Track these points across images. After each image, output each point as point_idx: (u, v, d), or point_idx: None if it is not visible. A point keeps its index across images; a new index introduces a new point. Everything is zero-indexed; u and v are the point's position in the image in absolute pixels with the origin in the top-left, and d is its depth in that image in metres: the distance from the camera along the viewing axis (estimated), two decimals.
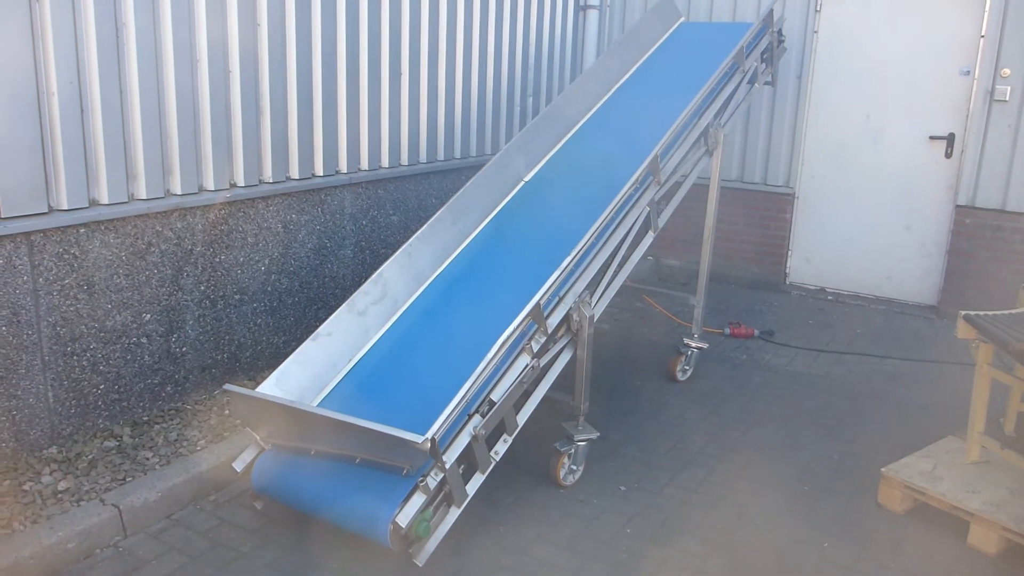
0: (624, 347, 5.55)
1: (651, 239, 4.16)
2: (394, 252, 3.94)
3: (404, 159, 5.26)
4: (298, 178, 4.51)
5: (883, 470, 3.61)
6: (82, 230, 3.55)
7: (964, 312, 3.54)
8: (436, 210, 4.18)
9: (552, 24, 6.51)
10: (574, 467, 3.74)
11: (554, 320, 3.45)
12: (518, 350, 3.29)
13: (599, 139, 4.74)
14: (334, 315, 3.63)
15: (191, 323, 4.09)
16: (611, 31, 7.22)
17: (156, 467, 3.51)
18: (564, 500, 3.61)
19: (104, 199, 3.63)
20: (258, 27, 4.17)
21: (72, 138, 3.46)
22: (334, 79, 4.64)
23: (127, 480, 3.39)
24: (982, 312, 3.54)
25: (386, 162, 5.12)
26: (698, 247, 4.92)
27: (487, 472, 3.16)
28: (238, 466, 3.33)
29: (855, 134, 6.40)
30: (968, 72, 5.88)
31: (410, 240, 3.95)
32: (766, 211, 6.80)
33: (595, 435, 3.77)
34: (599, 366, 5.03)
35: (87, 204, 3.56)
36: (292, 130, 4.45)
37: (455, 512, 3.02)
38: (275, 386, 3.38)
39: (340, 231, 4.85)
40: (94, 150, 3.57)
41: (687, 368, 5.00)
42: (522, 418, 3.35)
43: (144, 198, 3.78)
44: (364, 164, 4.95)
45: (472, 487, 3.09)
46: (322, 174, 4.66)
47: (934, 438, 3.96)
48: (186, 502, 3.44)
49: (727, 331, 5.75)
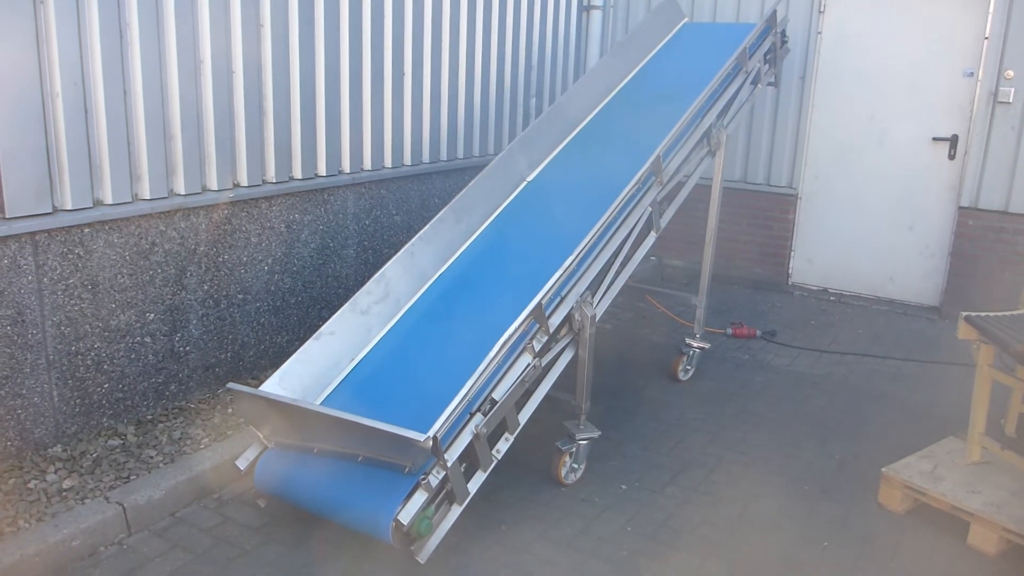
0: (626, 347, 5.56)
1: (653, 239, 4.17)
2: (397, 252, 3.96)
3: (407, 159, 5.27)
4: (301, 178, 4.53)
5: (884, 470, 3.62)
6: (86, 230, 3.57)
7: (965, 313, 3.55)
8: (439, 210, 4.20)
9: (555, 24, 6.53)
10: (575, 466, 3.75)
11: (556, 320, 3.46)
12: (520, 349, 3.30)
13: (602, 139, 4.75)
14: (337, 314, 3.65)
15: (195, 322, 4.11)
16: (614, 31, 7.23)
17: (160, 465, 3.53)
18: (565, 499, 3.62)
19: (108, 199, 3.65)
20: (261, 28, 4.18)
21: (76, 139, 3.48)
22: (337, 79, 4.66)
23: (131, 478, 3.41)
24: (983, 313, 3.55)
25: (389, 162, 5.14)
26: (701, 247, 4.92)
27: (489, 470, 3.17)
28: (241, 464, 3.35)
29: (858, 135, 6.40)
30: (972, 74, 5.88)
31: (413, 240, 3.96)
32: (769, 212, 6.81)
33: (596, 434, 3.78)
34: (601, 366, 5.03)
35: (91, 204, 3.58)
36: (295, 130, 4.47)
37: (457, 510, 3.04)
38: (278, 385, 3.40)
39: (343, 231, 4.86)
40: (98, 151, 3.59)
41: (689, 368, 5.01)
42: (524, 417, 3.37)
43: (148, 198, 3.80)
44: (367, 164, 4.97)
45: (474, 485, 3.11)
46: (325, 174, 4.68)
47: (935, 439, 3.96)
48: (190, 500, 3.46)
49: (729, 331, 5.76)
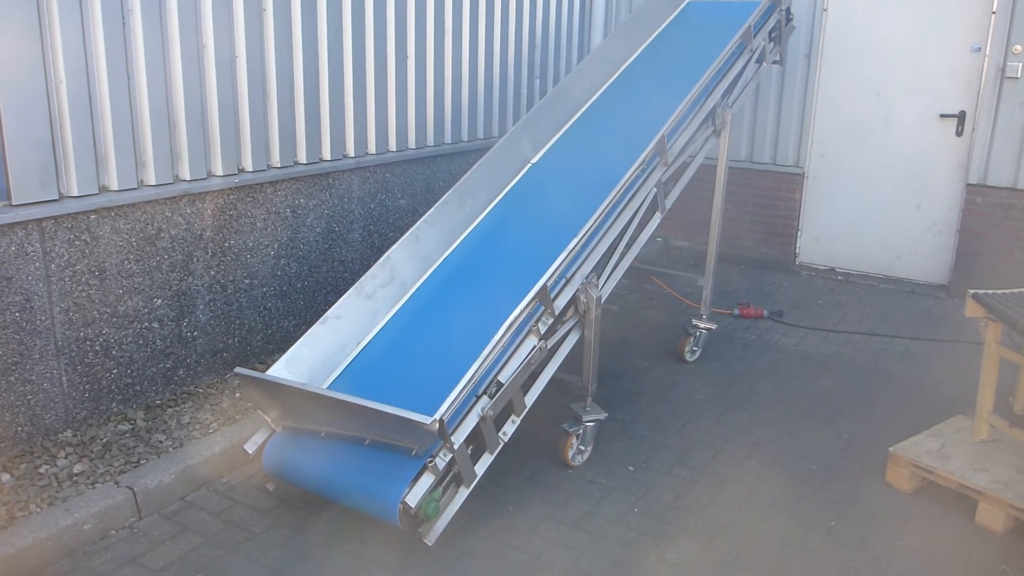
0: (632, 328, 5.56)
1: (659, 220, 4.16)
2: (402, 235, 3.96)
3: (411, 142, 5.26)
4: (306, 162, 4.53)
5: (891, 449, 3.62)
6: (92, 216, 3.58)
7: (973, 291, 3.54)
8: (443, 193, 4.19)
9: (559, 5, 6.48)
10: (582, 448, 3.76)
11: (561, 302, 3.46)
12: (525, 332, 3.30)
13: (606, 120, 4.73)
14: (343, 298, 3.65)
15: (202, 308, 4.12)
16: (618, 11, 7.17)
17: (169, 450, 3.55)
18: (572, 480, 3.63)
19: (114, 185, 3.65)
20: (263, 12, 4.17)
21: (80, 125, 3.48)
22: (340, 63, 4.64)
23: (141, 463, 3.44)
24: (991, 291, 3.53)
25: (393, 146, 5.13)
26: (707, 228, 4.90)
27: (495, 453, 3.19)
28: (250, 448, 3.36)
29: (865, 113, 6.35)
30: (979, 49, 5.82)
31: (418, 223, 3.96)
32: (775, 191, 6.78)
33: (603, 416, 3.79)
34: (607, 347, 5.04)
35: (97, 191, 3.59)
36: (299, 114, 4.46)
37: (464, 492, 3.05)
38: (285, 369, 3.41)
39: (348, 215, 4.86)
40: (103, 137, 3.59)
41: (696, 349, 5.00)
42: (530, 399, 3.37)
43: (153, 184, 3.80)
44: (371, 148, 4.96)
45: (480, 468, 3.12)
46: (330, 158, 4.67)
47: (942, 417, 3.96)
48: (199, 484, 3.49)
49: (736, 312, 5.75)
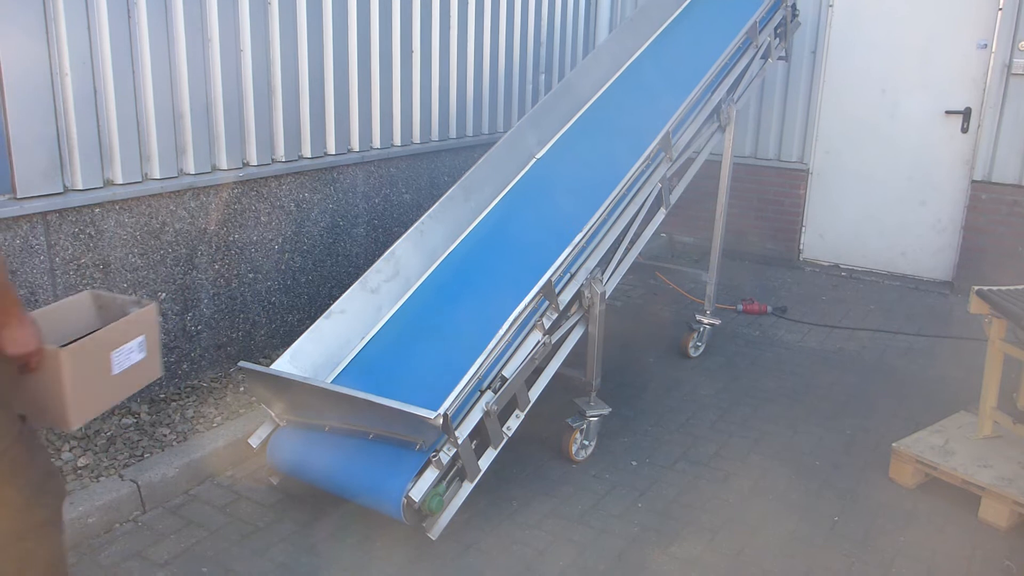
0: (636, 324, 5.56)
1: (663, 216, 4.16)
2: (406, 230, 3.96)
3: (416, 137, 5.26)
4: (310, 157, 4.53)
5: (894, 445, 3.62)
6: (97, 210, 3.58)
7: (977, 287, 3.53)
8: (448, 188, 4.19)
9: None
10: (586, 442, 3.77)
11: (566, 297, 3.46)
12: (530, 327, 3.30)
13: (611, 115, 4.72)
14: (347, 293, 3.66)
15: (206, 302, 4.13)
16: (623, 6, 7.16)
17: (173, 443, 3.56)
18: (576, 475, 3.64)
19: (118, 179, 3.65)
20: (268, 5, 4.16)
21: (86, 118, 3.48)
22: (345, 57, 4.64)
23: (145, 456, 3.44)
24: (995, 287, 3.53)
25: (398, 140, 5.12)
26: (711, 224, 4.90)
27: (499, 448, 3.19)
28: (254, 442, 3.37)
29: (870, 109, 6.34)
30: (985, 45, 5.80)
31: (422, 218, 3.96)
32: (780, 187, 6.77)
33: (607, 411, 3.79)
34: (611, 343, 5.04)
35: (102, 184, 3.58)
36: (304, 109, 4.45)
37: (468, 487, 3.06)
38: (289, 363, 3.42)
39: (353, 209, 4.86)
40: (108, 130, 3.59)
41: (699, 344, 5.00)
42: (534, 394, 3.38)
43: (158, 178, 3.81)
44: (376, 142, 4.96)
45: (484, 462, 3.13)
46: (334, 152, 4.67)
47: (946, 413, 3.95)
48: (203, 478, 3.50)
49: (740, 307, 5.75)
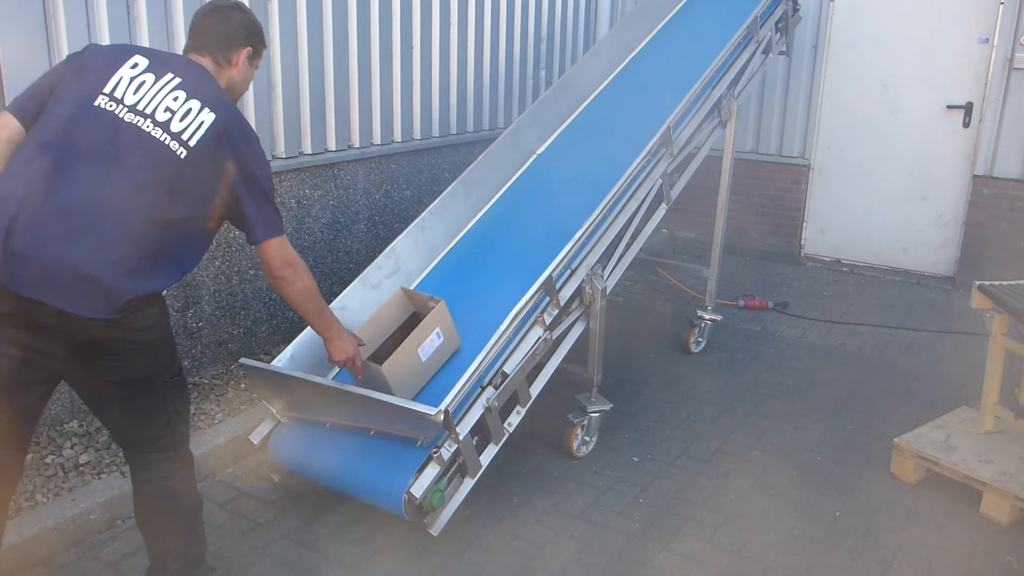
0: (638, 319, 5.56)
1: (664, 211, 4.15)
2: (407, 226, 3.96)
3: (417, 133, 5.25)
4: (311, 153, 4.52)
5: (896, 440, 3.62)
6: None
7: (979, 282, 3.53)
8: (449, 184, 4.18)
9: None
10: (587, 438, 3.77)
11: (567, 293, 3.46)
12: (531, 323, 3.30)
13: (612, 111, 4.72)
14: (348, 289, 3.66)
15: (207, 298, 4.12)
16: (624, 1, 7.14)
17: None
18: (577, 471, 3.64)
19: None
20: (268, 2, 4.15)
21: None
22: (345, 53, 4.63)
23: None
24: (997, 282, 3.52)
25: (399, 136, 5.12)
26: (712, 219, 4.89)
27: (501, 443, 3.19)
28: (255, 439, 3.37)
29: (871, 104, 6.32)
30: (987, 40, 5.79)
31: (423, 214, 3.96)
32: (781, 182, 6.76)
33: (608, 407, 3.79)
34: (612, 338, 5.01)
35: None
36: (304, 105, 4.44)
37: (469, 483, 3.05)
38: (290, 360, 3.41)
39: (353, 206, 4.86)
40: None
41: (700, 340, 5.00)
42: (535, 390, 3.38)
43: None
44: (377, 138, 4.95)
45: (486, 458, 3.13)
46: (335, 149, 4.66)
47: (947, 408, 3.95)
48: (205, 474, 3.49)
49: (741, 303, 5.74)
